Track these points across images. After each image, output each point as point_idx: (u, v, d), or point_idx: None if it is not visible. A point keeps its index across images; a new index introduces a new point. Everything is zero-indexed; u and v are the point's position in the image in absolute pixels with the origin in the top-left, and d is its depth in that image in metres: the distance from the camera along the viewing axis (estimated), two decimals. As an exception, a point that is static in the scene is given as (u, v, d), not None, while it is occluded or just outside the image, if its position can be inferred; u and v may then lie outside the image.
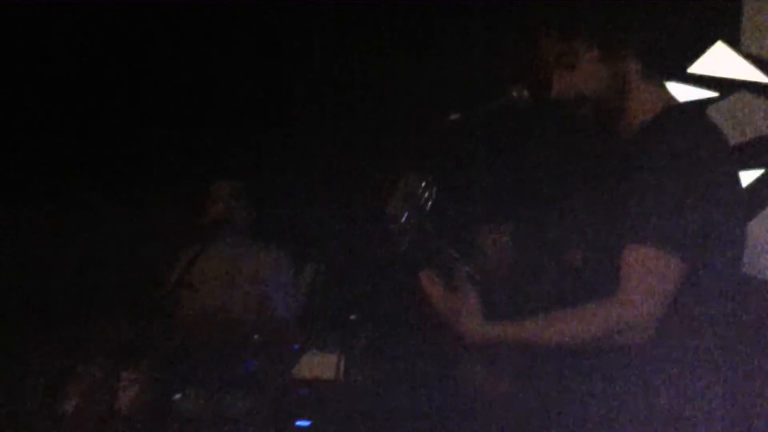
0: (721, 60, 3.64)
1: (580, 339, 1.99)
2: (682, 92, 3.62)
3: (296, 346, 3.40)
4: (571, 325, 1.99)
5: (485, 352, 2.19)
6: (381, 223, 2.13)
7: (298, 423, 3.24)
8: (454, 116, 2.22)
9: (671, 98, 2.17)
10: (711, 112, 3.63)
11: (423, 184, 2.14)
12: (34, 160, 5.26)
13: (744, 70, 3.67)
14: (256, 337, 3.74)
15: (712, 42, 3.66)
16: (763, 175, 3.79)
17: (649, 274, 1.92)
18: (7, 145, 5.23)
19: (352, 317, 3.18)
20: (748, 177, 3.70)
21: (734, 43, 3.76)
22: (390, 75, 4.99)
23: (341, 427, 3.20)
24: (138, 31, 5.26)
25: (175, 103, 5.38)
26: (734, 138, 3.64)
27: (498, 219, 3.61)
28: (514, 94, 2.19)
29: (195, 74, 5.36)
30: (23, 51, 5.16)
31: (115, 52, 5.27)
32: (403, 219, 2.12)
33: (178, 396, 3.47)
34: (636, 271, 1.93)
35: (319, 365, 3.31)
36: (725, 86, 3.74)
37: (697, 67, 3.63)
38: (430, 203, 2.13)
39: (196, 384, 3.74)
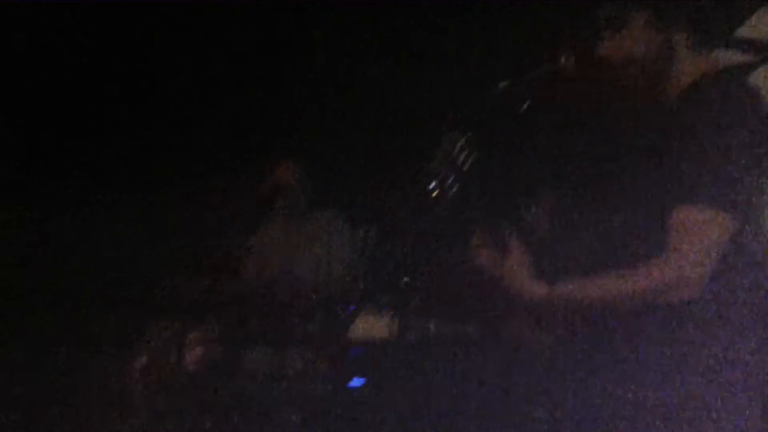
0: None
1: (629, 297, 2.02)
2: (727, 57, 3.66)
3: (351, 307, 3.45)
4: (620, 283, 2.02)
5: (534, 311, 2.21)
6: (422, 182, 2.16)
7: (354, 381, 3.28)
8: (502, 84, 2.26)
9: (716, 63, 2.22)
10: (755, 76, 3.67)
11: (461, 143, 2.17)
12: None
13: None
14: (314, 297, 3.86)
15: (759, 5, 3.69)
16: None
17: (698, 233, 1.95)
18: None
19: (405, 279, 3.21)
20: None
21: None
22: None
23: (395, 385, 3.22)
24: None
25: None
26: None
27: (540, 183, 3.65)
28: (562, 59, 2.23)
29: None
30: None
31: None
32: (443, 177, 2.15)
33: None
34: (686, 230, 1.96)
35: (373, 325, 3.34)
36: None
37: (743, 31, 3.68)
38: (468, 162, 2.16)
39: (258, 342, 3.87)
